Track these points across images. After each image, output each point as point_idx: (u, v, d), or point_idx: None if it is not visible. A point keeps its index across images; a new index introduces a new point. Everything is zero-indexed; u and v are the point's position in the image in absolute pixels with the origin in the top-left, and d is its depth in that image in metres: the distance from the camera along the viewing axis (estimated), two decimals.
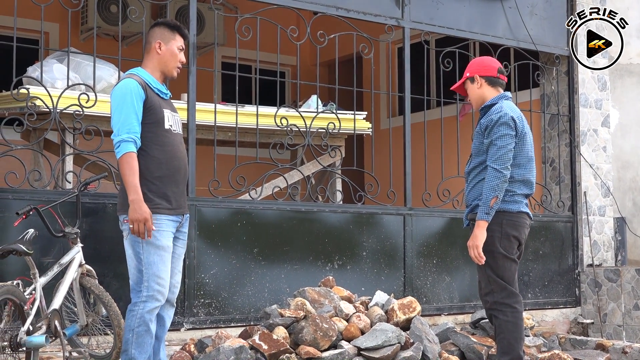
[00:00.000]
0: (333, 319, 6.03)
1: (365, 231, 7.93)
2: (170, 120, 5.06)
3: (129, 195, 4.77)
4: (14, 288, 4.94)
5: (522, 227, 5.53)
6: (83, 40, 10.41)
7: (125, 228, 4.93)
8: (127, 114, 4.84)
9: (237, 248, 7.24)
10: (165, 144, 4.98)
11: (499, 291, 5.47)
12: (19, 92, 6.63)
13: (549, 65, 9.58)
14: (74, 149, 6.98)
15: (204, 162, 7.69)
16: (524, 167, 5.55)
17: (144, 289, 4.87)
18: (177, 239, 5.14)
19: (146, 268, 4.87)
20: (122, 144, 4.80)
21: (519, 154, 5.52)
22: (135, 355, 4.87)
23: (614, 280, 9.11)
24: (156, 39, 5.10)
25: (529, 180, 5.59)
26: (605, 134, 9.71)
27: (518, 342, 5.46)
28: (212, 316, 7.03)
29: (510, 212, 5.49)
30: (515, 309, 5.46)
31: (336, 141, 8.42)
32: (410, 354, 5.94)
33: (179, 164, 5.04)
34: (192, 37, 7.31)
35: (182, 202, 5.09)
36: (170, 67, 5.13)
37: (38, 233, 5.26)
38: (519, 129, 5.50)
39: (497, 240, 5.43)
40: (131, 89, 4.88)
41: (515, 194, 5.51)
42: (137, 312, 4.87)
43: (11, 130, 6.67)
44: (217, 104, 7.67)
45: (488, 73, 5.78)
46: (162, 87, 5.12)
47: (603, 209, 9.59)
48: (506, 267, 5.46)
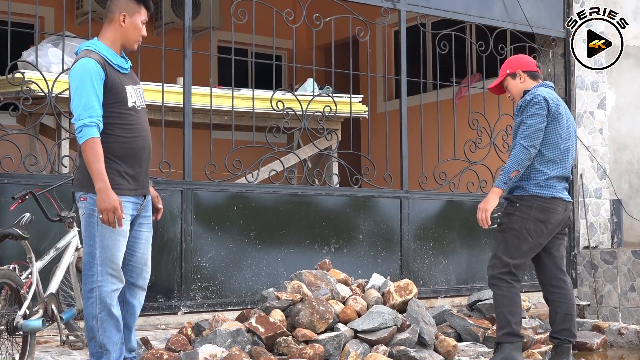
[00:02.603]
0: (329, 301, 6.05)
1: (361, 214, 7.94)
2: (133, 96, 4.82)
3: (96, 183, 4.55)
4: (11, 272, 4.93)
5: (552, 212, 5.59)
6: (78, 24, 10.38)
7: (81, 205, 4.73)
8: (88, 96, 4.59)
9: (234, 232, 7.25)
10: (129, 123, 4.76)
11: (500, 267, 5.57)
12: (14, 77, 6.62)
13: (545, 48, 9.57)
14: (69, 133, 6.96)
15: (200, 146, 7.69)
16: (556, 148, 5.61)
17: (97, 272, 4.65)
18: (142, 224, 4.93)
19: (100, 251, 4.65)
20: (84, 128, 4.56)
21: (552, 134, 5.59)
22: (104, 340, 4.69)
23: (610, 262, 9.13)
24: (121, 10, 4.81)
25: (563, 162, 5.65)
26: (602, 116, 9.71)
27: (514, 316, 5.52)
28: (209, 300, 7.04)
29: (543, 197, 5.57)
30: (511, 284, 5.55)
31: (332, 124, 8.42)
32: (406, 336, 5.95)
33: (143, 143, 4.82)
34: (187, 20, 7.29)
35: (144, 182, 4.87)
36: (132, 41, 4.87)
37: (34, 217, 5.24)
38: (552, 109, 5.58)
39: (524, 222, 5.54)
40: (90, 70, 4.63)
41: (550, 178, 5.58)
42: (95, 297, 4.66)
43: (6, 115, 6.65)
44: (213, 88, 7.66)
45: (529, 68, 5.89)
46: (122, 62, 4.85)
47: (599, 192, 9.61)
48: (520, 249, 5.56)
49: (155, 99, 7.18)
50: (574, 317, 5.77)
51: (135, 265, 4.92)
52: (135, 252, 4.89)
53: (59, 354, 5.65)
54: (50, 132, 7.84)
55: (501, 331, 5.55)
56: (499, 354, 5.53)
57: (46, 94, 6.56)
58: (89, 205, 4.69)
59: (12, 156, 6.38)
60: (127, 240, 4.79)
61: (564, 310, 5.73)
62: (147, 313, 6.66)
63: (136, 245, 4.90)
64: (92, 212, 4.68)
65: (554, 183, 5.62)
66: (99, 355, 4.73)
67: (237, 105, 7.70)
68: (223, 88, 8.17)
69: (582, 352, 7.08)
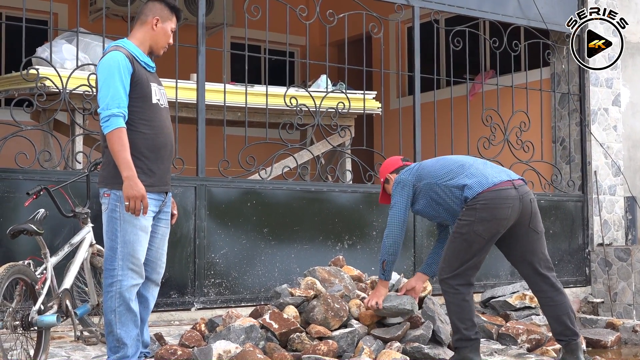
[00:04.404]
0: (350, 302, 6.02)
1: (375, 211, 7.93)
2: (157, 94, 4.93)
3: (123, 171, 4.62)
4: (25, 268, 4.95)
5: (498, 208, 5.37)
6: (92, 21, 10.40)
7: (105, 202, 4.79)
8: (116, 87, 4.68)
9: (247, 228, 7.25)
10: (152, 119, 4.84)
11: (447, 271, 5.43)
12: (28, 73, 6.64)
13: (560, 44, 9.53)
14: (83, 129, 6.98)
15: (213, 142, 7.69)
16: (449, 175, 5.54)
17: (117, 267, 4.72)
18: (160, 219, 4.99)
19: (121, 246, 4.72)
20: (112, 118, 4.64)
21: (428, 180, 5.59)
22: (121, 334, 4.75)
23: (625, 259, 9.09)
24: (155, 14, 4.96)
25: (467, 171, 5.52)
26: (616, 113, 9.67)
27: (463, 322, 5.41)
28: (223, 296, 7.05)
29: (487, 189, 5.41)
30: (457, 290, 5.40)
31: (346, 121, 8.40)
32: (420, 332, 5.94)
33: (165, 140, 4.90)
34: (200, 17, 7.30)
35: (166, 179, 4.95)
36: (160, 46, 5.01)
37: (48, 213, 5.25)
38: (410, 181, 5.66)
39: (471, 225, 5.36)
40: (119, 62, 4.73)
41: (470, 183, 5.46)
42: (115, 291, 4.73)
43: (21, 111, 6.67)
44: (227, 84, 7.66)
45: (393, 167, 5.92)
46: (149, 60, 4.98)
47: (613, 188, 9.56)
48: (468, 252, 5.39)
49: (169, 96, 7.16)
50: (568, 315, 5.55)
51: (150, 260, 4.96)
52: (150, 246, 4.94)
53: (73, 349, 5.67)
54: (64, 129, 7.85)
55: (455, 336, 5.51)
56: (457, 355, 5.51)
57: (60, 90, 6.58)
58: (112, 201, 4.76)
59: (27, 152, 6.40)
60: (148, 236, 4.85)
61: (556, 313, 5.54)
62: (160, 309, 6.68)
63: (152, 240, 4.94)
64: (114, 208, 4.75)
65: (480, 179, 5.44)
66: (117, 350, 4.78)
67: (250, 102, 7.69)
68: (236, 84, 8.17)
69: (596, 350, 7.06)
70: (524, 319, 7.04)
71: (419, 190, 5.62)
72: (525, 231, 5.50)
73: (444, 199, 5.54)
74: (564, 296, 5.62)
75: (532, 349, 6.37)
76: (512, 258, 5.68)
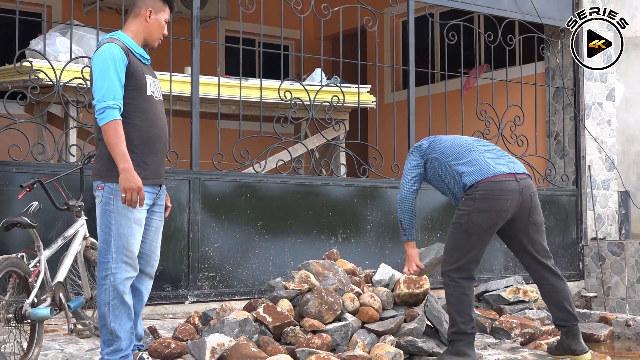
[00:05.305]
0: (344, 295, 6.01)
1: (369, 205, 7.93)
2: (152, 86, 4.91)
3: (119, 163, 4.61)
4: (19, 260, 4.94)
5: (496, 199, 5.39)
6: (85, 14, 10.37)
7: (98, 194, 4.77)
8: (111, 79, 4.66)
9: (241, 221, 7.25)
10: (146, 111, 4.82)
11: (449, 264, 5.48)
12: (22, 65, 6.62)
13: (554, 39, 9.54)
14: (77, 122, 6.97)
15: (207, 135, 7.68)
16: (456, 160, 5.56)
17: (111, 260, 4.70)
18: (154, 212, 4.97)
19: (115, 239, 4.70)
20: (107, 110, 4.62)
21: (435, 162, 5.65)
22: (115, 327, 4.73)
23: (618, 253, 9.11)
24: (148, 6, 4.93)
25: (470, 156, 5.54)
26: (610, 108, 9.68)
27: (461, 316, 5.42)
28: (217, 289, 7.05)
29: (485, 179, 5.43)
30: (458, 283, 5.44)
31: (340, 115, 8.40)
32: (414, 326, 5.94)
33: (159, 132, 4.88)
34: (195, 10, 7.28)
35: (160, 171, 4.93)
36: (154, 37, 4.98)
37: (42, 206, 5.23)
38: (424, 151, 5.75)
39: (469, 215, 5.39)
40: (114, 54, 4.70)
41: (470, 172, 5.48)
42: (109, 284, 4.71)
43: (14, 104, 6.65)
44: (221, 77, 7.65)
45: None
46: (144, 52, 4.96)
47: (607, 183, 9.58)
48: (468, 243, 5.41)
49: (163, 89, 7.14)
50: (569, 300, 5.62)
51: (144, 253, 4.95)
52: (144, 239, 4.93)
53: (67, 342, 5.66)
54: (58, 121, 7.84)
55: (451, 329, 5.51)
56: (450, 348, 5.51)
57: (54, 82, 6.56)
58: (106, 193, 4.74)
59: (20, 145, 6.38)
60: (142, 229, 4.83)
61: (557, 299, 5.60)
62: (154, 302, 6.67)
63: (146, 233, 4.93)
64: (108, 201, 4.73)
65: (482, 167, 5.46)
66: (110, 343, 4.76)
67: (244, 95, 7.68)
68: (231, 78, 8.16)
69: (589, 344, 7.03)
70: (518, 313, 7.04)
71: (429, 161, 5.69)
72: (525, 224, 5.55)
73: (446, 177, 5.62)
74: (564, 282, 5.70)
75: (525, 343, 6.38)
76: (512, 248, 5.75)
